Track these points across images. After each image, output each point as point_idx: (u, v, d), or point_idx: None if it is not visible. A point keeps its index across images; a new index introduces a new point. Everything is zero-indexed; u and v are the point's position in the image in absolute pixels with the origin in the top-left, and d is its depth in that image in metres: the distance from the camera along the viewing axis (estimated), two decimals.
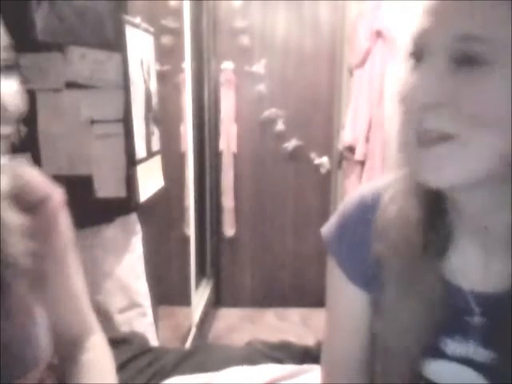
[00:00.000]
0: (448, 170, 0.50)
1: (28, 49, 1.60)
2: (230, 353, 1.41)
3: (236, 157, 3.23)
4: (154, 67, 2.07)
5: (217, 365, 1.31)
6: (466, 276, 0.59)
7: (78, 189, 1.61)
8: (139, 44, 1.85)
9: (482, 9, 0.46)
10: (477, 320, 0.58)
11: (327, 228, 0.69)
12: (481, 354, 0.57)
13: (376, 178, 0.70)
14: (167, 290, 2.47)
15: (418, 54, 0.52)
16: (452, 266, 0.59)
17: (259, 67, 3.12)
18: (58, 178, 0.79)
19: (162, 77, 2.31)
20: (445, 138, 0.49)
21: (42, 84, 1.65)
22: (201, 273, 3.13)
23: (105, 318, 1.68)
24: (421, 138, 0.51)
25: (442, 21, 0.49)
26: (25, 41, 1.59)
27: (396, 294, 0.59)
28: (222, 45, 3.13)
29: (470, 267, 0.59)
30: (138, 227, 1.83)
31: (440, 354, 0.59)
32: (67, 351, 0.81)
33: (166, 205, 2.76)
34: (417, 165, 0.52)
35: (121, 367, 1.05)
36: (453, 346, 0.59)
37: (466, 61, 0.48)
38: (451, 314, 0.58)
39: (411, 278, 0.58)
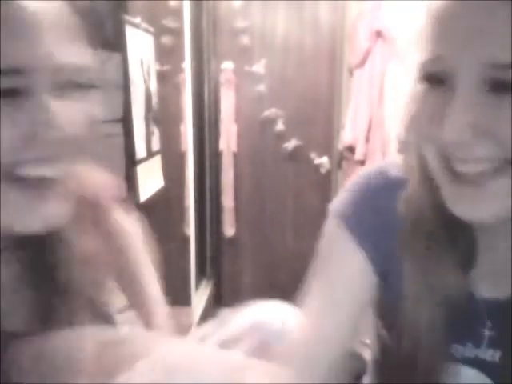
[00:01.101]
0: (494, 206, 0.48)
1: None
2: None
3: (236, 157, 3.23)
4: (154, 67, 2.07)
5: None
6: (478, 284, 0.58)
7: None
8: (139, 44, 1.85)
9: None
10: (488, 326, 0.57)
11: (339, 197, 0.64)
12: (490, 355, 0.57)
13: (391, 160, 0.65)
14: (167, 290, 2.47)
15: (434, 79, 0.48)
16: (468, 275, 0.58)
17: (259, 67, 3.12)
18: None
19: (162, 77, 2.31)
20: (493, 172, 0.46)
21: None
22: (201, 273, 3.13)
23: (105, 318, 1.68)
24: (463, 175, 0.47)
25: (469, 48, 0.45)
26: None
27: (413, 295, 0.57)
28: (222, 45, 3.13)
29: (481, 276, 0.58)
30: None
31: (449, 358, 0.59)
32: None
33: (165, 205, 2.76)
34: (455, 200, 0.49)
35: None
36: (462, 351, 0.58)
37: (498, 88, 0.45)
38: (464, 320, 0.57)
39: (429, 281, 0.56)
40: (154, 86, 2.03)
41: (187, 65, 2.49)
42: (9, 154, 0.44)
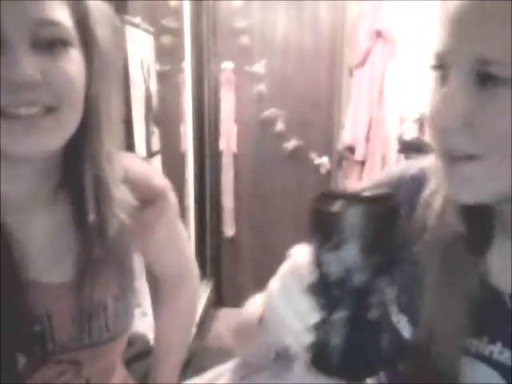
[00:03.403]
0: (471, 189, 0.52)
1: None
2: (229, 354, 1.40)
3: (236, 157, 3.22)
4: (154, 67, 2.06)
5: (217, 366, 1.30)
6: (504, 278, 0.57)
7: None
8: (139, 44, 1.85)
9: (499, 33, 0.47)
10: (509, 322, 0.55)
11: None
12: (505, 356, 0.55)
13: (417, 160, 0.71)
14: None
15: (442, 69, 0.52)
16: (491, 267, 0.57)
17: (259, 67, 3.12)
18: None
19: (162, 77, 2.31)
20: (469, 157, 0.50)
21: None
22: (201, 273, 3.13)
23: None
24: (447, 155, 0.52)
25: (461, 43, 0.50)
26: None
27: (433, 289, 0.58)
28: (222, 45, 3.13)
29: (507, 269, 0.57)
30: None
31: (464, 351, 0.57)
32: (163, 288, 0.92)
33: None
34: (444, 179, 0.54)
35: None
36: (476, 346, 0.57)
37: (486, 82, 0.48)
38: (485, 314, 0.56)
39: (450, 272, 0.57)
40: (153, 86, 2.03)
41: (187, 65, 2.49)
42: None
